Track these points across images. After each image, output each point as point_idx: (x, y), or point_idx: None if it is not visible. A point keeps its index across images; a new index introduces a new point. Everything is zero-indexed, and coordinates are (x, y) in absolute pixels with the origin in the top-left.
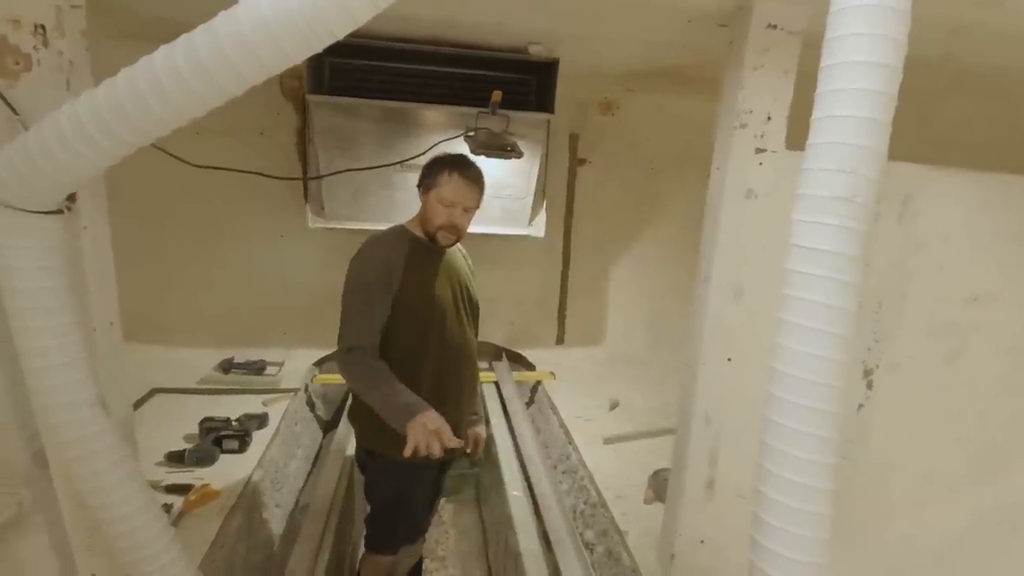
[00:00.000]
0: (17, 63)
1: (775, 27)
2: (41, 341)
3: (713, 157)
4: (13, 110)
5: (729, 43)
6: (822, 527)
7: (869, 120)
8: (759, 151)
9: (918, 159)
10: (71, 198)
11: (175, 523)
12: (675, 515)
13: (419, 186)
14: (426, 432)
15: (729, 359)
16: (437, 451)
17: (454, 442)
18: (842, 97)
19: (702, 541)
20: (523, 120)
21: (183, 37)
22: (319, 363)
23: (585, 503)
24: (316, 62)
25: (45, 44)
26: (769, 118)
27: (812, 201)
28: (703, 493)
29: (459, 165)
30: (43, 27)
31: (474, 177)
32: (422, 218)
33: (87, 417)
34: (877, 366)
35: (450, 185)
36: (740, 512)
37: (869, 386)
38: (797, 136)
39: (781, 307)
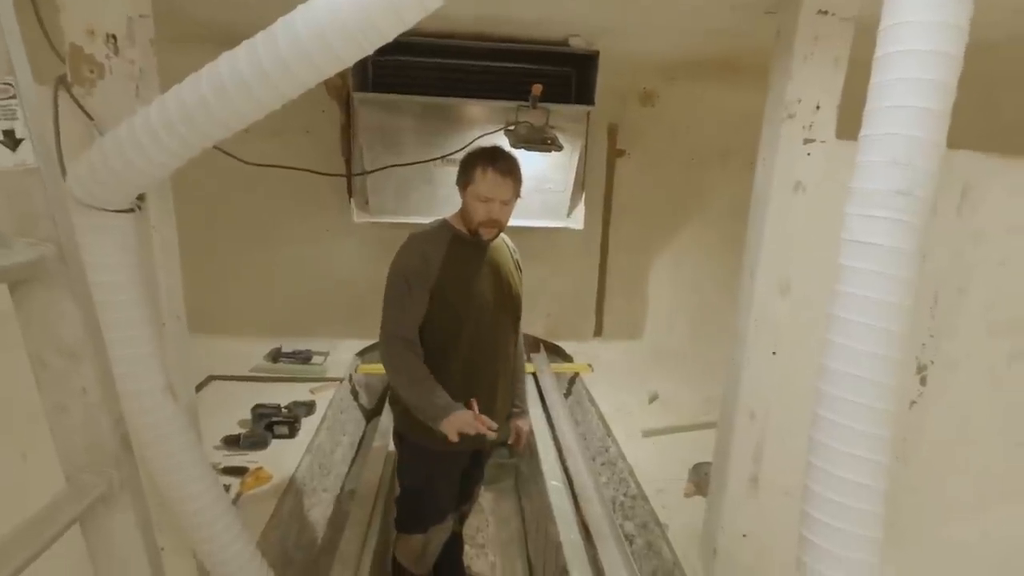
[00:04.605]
0: (92, 71)
1: (826, 13)
2: (118, 332)
3: (759, 148)
4: (89, 116)
5: (776, 31)
6: (873, 525)
7: (926, 111)
8: (808, 141)
9: (981, 147)
10: (141, 197)
11: (233, 503)
12: (717, 510)
13: (457, 183)
14: (462, 424)
15: (774, 353)
16: (473, 431)
17: (492, 425)
18: (898, 87)
19: (745, 535)
20: (563, 113)
21: (244, 44)
22: (362, 353)
23: (625, 495)
24: (360, 61)
25: (116, 53)
26: (818, 107)
27: (866, 195)
28: (746, 488)
29: (491, 159)
30: (115, 37)
31: (507, 169)
32: (463, 214)
33: (159, 402)
34: (932, 362)
35: (484, 181)
36: (785, 509)
37: (923, 382)
38: (848, 125)
39: (832, 303)
